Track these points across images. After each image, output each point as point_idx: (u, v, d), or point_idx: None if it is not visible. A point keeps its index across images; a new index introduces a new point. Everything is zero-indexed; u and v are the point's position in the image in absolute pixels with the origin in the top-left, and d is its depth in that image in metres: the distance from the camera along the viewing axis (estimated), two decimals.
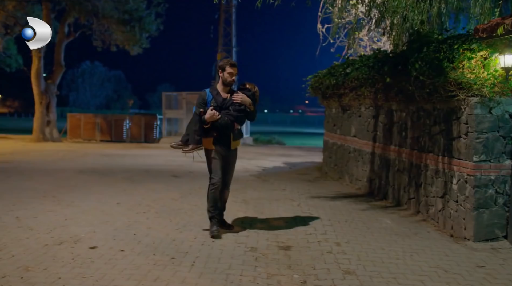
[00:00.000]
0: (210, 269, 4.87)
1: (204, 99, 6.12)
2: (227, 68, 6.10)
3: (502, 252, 5.78)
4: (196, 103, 6.15)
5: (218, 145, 6.13)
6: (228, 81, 6.10)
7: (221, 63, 6.22)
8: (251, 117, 6.35)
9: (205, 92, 6.18)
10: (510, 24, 5.30)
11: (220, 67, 6.20)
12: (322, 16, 14.44)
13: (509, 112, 6.08)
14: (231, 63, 6.19)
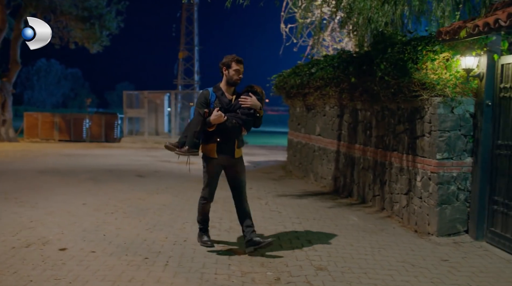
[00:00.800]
0: (184, 268, 4.89)
1: (207, 99, 5.40)
2: (233, 65, 5.35)
3: (464, 246, 6.01)
4: (197, 103, 5.46)
5: (220, 153, 5.43)
6: (234, 80, 5.38)
7: (225, 59, 5.41)
8: (258, 123, 5.60)
9: (208, 92, 5.47)
10: (471, 28, 5.53)
11: (224, 64, 5.41)
12: (285, 16, 14.60)
13: (469, 111, 6.32)
14: (237, 60, 5.39)
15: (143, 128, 23.75)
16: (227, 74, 5.39)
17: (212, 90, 5.47)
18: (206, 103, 5.39)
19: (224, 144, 5.39)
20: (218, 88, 5.47)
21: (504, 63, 5.89)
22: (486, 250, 5.85)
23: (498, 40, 6.00)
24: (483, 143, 6.16)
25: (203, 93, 5.53)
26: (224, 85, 5.46)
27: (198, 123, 5.32)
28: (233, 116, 5.36)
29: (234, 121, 5.34)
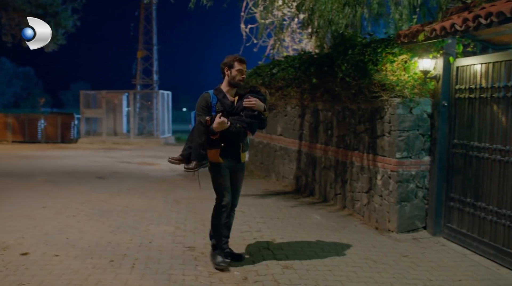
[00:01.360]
0: (151, 270, 4.88)
1: (208, 102, 4.99)
2: (236, 65, 5.00)
3: (422, 241, 6.23)
4: (197, 107, 5.04)
5: (225, 158, 5.05)
6: (236, 80, 5.02)
7: (227, 59, 5.07)
8: (263, 124, 5.25)
9: (208, 94, 5.05)
10: (429, 31, 5.74)
11: (226, 64, 5.05)
12: (245, 16, 14.64)
13: (427, 112, 6.55)
14: (239, 59, 5.05)
15: (101, 129, 23.35)
16: (230, 74, 5.01)
17: (213, 92, 5.06)
18: (207, 107, 4.98)
19: (229, 148, 5.02)
20: (219, 91, 5.07)
21: (459, 65, 6.13)
22: (444, 245, 6.08)
23: (453, 44, 6.25)
24: (439, 142, 6.39)
25: (203, 96, 5.07)
26: (226, 87, 5.08)
27: (201, 134, 4.85)
28: (236, 120, 4.97)
29: (239, 125, 4.96)
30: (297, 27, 12.85)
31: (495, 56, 5.66)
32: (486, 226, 5.63)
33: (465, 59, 6.13)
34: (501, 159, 5.42)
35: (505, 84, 5.35)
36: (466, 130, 6.02)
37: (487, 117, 5.66)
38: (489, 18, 4.89)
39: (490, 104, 5.61)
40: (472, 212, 5.88)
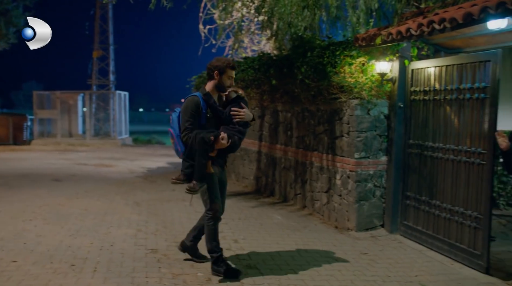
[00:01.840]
0: (114, 273, 4.83)
1: (199, 108, 4.68)
2: (228, 71, 4.78)
3: (380, 239, 6.41)
4: (187, 112, 4.66)
5: (214, 165, 4.85)
6: (225, 87, 4.82)
7: (218, 63, 4.78)
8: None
9: (198, 99, 4.72)
10: (386, 35, 5.92)
11: (216, 68, 4.77)
12: (204, 17, 14.61)
13: (384, 113, 6.74)
14: (232, 66, 4.82)
15: (55, 130, 22.76)
16: (219, 79, 4.77)
17: (202, 97, 4.75)
18: (198, 113, 4.69)
19: (217, 157, 4.86)
20: (209, 96, 4.78)
21: (414, 68, 6.34)
22: (400, 242, 6.28)
23: (408, 47, 6.46)
24: (396, 143, 6.59)
25: (193, 101, 4.72)
26: (213, 91, 4.84)
27: (205, 154, 4.62)
28: (232, 132, 4.76)
29: (236, 138, 4.78)
30: (256, 29, 12.93)
31: (447, 59, 5.89)
32: (440, 223, 5.85)
33: (419, 62, 6.35)
34: (454, 158, 5.64)
35: (457, 87, 5.58)
36: (421, 131, 6.23)
37: (441, 119, 5.88)
38: (442, 24, 5.09)
39: (443, 106, 5.84)
40: (427, 210, 6.09)
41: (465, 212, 5.45)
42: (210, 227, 4.85)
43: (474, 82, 5.32)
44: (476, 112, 5.30)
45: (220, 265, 4.85)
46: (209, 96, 4.78)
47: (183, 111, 4.72)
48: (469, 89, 5.39)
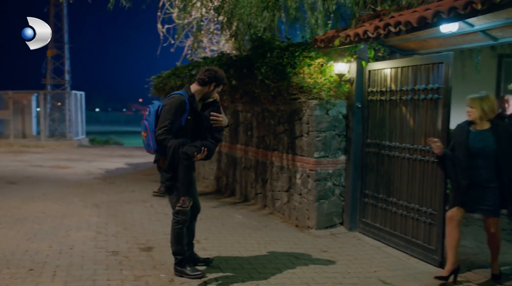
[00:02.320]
0: (75, 277, 4.76)
1: (184, 108, 4.61)
2: (221, 86, 4.92)
3: (340, 236, 6.55)
4: (169, 110, 4.56)
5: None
6: (211, 97, 4.86)
7: (219, 74, 4.81)
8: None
9: (184, 99, 4.64)
10: (344, 37, 6.05)
11: (216, 80, 4.77)
12: (162, 16, 14.50)
13: (342, 113, 6.88)
14: (225, 82, 5.06)
15: (8, 131, 22.08)
16: (210, 89, 4.77)
17: (188, 99, 4.67)
18: (181, 114, 4.61)
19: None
20: (193, 98, 4.72)
21: (371, 69, 6.51)
22: (359, 239, 6.44)
23: (365, 49, 6.62)
24: (354, 142, 6.75)
25: (180, 99, 4.64)
26: (198, 96, 4.78)
27: (190, 170, 4.67)
28: (211, 144, 4.79)
29: (213, 146, 4.86)
30: (215, 29, 12.93)
31: (403, 61, 6.07)
32: (397, 220, 6.04)
33: (376, 63, 6.52)
34: (409, 157, 5.83)
35: (412, 88, 5.76)
36: (378, 131, 6.40)
37: (397, 118, 6.06)
38: (398, 27, 5.25)
39: (399, 106, 6.02)
40: (384, 207, 6.27)
41: (421, 208, 5.64)
42: (176, 230, 4.82)
43: (428, 83, 5.51)
44: (430, 112, 5.49)
45: (183, 266, 4.85)
46: (193, 98, 4.71)
47: (166, 108, 4.60)
48: (424, 90, 5.58)
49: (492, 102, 4.74)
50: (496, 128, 4.73)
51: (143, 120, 4.74)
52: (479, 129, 4.77)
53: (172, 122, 4.58)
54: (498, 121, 4.86)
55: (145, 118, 4.74)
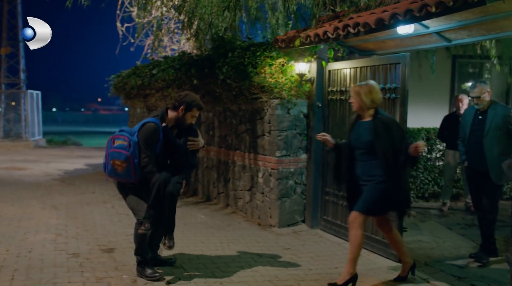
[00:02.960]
0: (34, 280, 4.66)
1: (158, 137, 4.65)
2: (194, 110, 4.77)
3: (302, 234, 6.64)
4: (146, 141, 4.58)
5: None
6: (185, 123, 4.80)
7: (188, 99, 4.73)
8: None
9: (157, 127, 4.65)
10: (304, 38, 6.14)
11: (184, 103, 4.71)
12: (121, 14, 14.31)
13: (303, 112, 6.98)
14: (199, 106, 4.81)
15: None
16: (182, 114, 4.72)
17: (161, 127, 4.69)
18: (156, 142, 4.65)
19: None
20: (167, 128, 4.74)
21: (331, 69, 6.62)
22: (321, 236, 6.55)
23: (325, 49, 6.74)
24: (315, 141, 6.84)
25: (155, 129, 4.64)
26: (171, 121, 4.77)
27: (175, 204, 4.81)
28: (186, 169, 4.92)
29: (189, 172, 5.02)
30: (176, 28, 12.85)
31: (362, 61, 6.21)
32: None
33: (335, 63, 6.64)
34: None
35: None
36: (338, 129, 6.52)
37: None
38: (356, 28, 5.36)
39: None
40: (345, 205, 6.36)
41: None
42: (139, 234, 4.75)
43: (386, 83, 5.66)
44: (388, 111, 5.62)
45: (144, 268, 4.82)
46: (168, 128, 4.73)
47: (142, 139, 4.61)
48: (382, 89, 5.70)
49: (371, 92, 4.60)
50: (375, 120, 4.56)
51: (121, 150, 4.61)
52: (362, 121, 4.69)
53: (150, 153, 4.62)
54: (381, 113, 4.65)
55: (127, 149, 4.61)
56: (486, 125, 5.47)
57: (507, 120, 5.36)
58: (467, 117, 5.81)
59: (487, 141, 5.44)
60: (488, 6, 4.19)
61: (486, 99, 5.52)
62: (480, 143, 5.49)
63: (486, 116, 5.51)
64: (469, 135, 5.70)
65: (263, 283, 4.79)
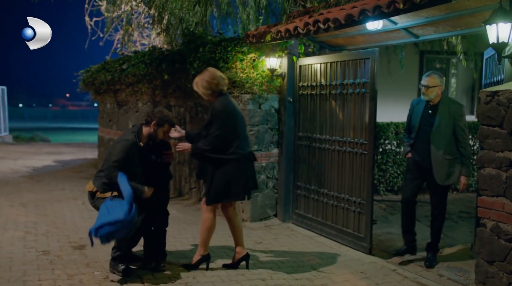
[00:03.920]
0: (3, 278, 4.58)
1: (134, 154, 4.74)
2: (166, 127, 4.87)
3: (274, 228, 6.70)
4: (122, 156, 4.64)
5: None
6: (157, 139, 4.90)
7: (160, 115, 4.84)
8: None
9: (135, 142, 4.75)
10: (275, 33, 6.18)
11: (155, 118, 4.82)
12: (90, 8, 14.09)
13: (274, 107, 7.03)
14: (171, 123, 4.93)
15: None
16: (154, 129, 4.83)
17: (138, 143, 4.78)
18: (129, 157, 4.70)
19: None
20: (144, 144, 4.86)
21: (302, 64, 6.68)
22: (293, 230, 6.62)
23: (296, 44, 6.79)
24: (286, 135, 6.91)
25: (134, 144, 4.73)
26: (145, 137, 4.87)
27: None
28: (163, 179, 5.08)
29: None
30: (146, 22, 12.74)
31: (332, 57, 6.29)
32: (328, 210, 6.26)
33: (306, 59, 6.70)
34: (339, 149, 6.06)
35: (341, 82, 5.99)
36: (309, 124, 6.59)
37: (327, 112, 6.27)
38: (326, 24, 5.43)
39: (329, 100, 6.23)
40: (316, 198, 6.48)
41: (350, 198, 5.88)
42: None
43: (356, 78, 5.75)
44: (358, 106, 5.74)
45: (117, 263, 4.78)
46: (144, 145, 4.83)
47: (117, 151, 4.69)
48: (352, 84, 5.81)
49: (205, 78, 4.91)
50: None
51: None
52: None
53: (120, 165, 4.64)
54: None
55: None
56: (435, 121, 5.18)
57: (457, 118, 5.12)
58: (417, 109, 5.42)
59: (434, 138, 5.17)
60: (454, 3, 4.31)
61: (435, 93, 5.17)
62: (427, 139, 5.22)
63: (436, 111, 5.20)
64: (418, 128, 5.34)
65: (236, 276, 4.83)
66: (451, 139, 5.15)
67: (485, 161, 3.98)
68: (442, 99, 5.24)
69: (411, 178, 5.48)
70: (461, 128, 5.15)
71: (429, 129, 5.21)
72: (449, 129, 5.13)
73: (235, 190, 4.86)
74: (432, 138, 5.18)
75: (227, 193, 4.86)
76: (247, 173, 4.97)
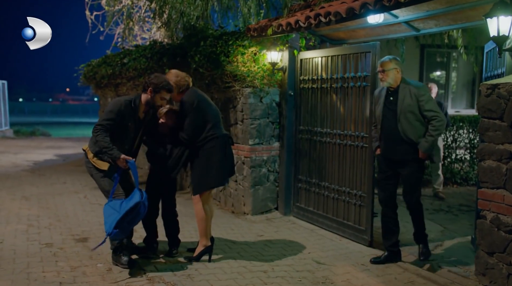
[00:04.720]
0: (7, 271, 4.62)
1: (124, 113, 4.69)
2: (163, 93, 4.72)
3: (275, 221, 6.74)
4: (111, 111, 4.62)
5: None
6: (155, 105, 4.85)
7: (156, 80, 4.72)
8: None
9: (127, 103, 4.71)
10: (276, 27, 6.19)
11: (152, 85, 4.70)
12: (90, 2, 14.07)
13: (275, 101, 7.05)
14: (168, 89, 4.75)
15: None
16: (151, 96, 4.72)
17: (132, 104, 4.73)
18: (121, 117, 4.65)
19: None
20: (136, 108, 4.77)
21: (303, 58, 6.70)
22: (294, 223, 6.66)
23: (297, 38, 6.81)
24: (287, 129, 6.94)
25: (124, 103, 4.70)
26: (143, 103, 4.80)
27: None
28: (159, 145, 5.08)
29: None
30: (146, 16, 12.72)
31: (333, 50, 6.30)
32: (329, 203, 6.29)
33: (307, 52, 6.72)
34: (340, 142, 6.08)
35: (342, 76, 6.00)
36: (310, 117, 6.62)
37: (328, 105, 6.29)
38: (328, 17, 5.44)
39: (330, 94, 6.25)
40: (317, 191, 6.51)
41: (351, 191, 5.91)
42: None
43: (356, 72, 5.77)
44: (359, 99, 5.76)
45: (119, 255, 4.81)
46: (136, 108, 4.76)
47: (107, 110, 4.68)
48: (352, 78, 5.83)
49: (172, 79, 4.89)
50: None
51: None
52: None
53: (110, 124, 4.62)
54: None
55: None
56: (397, 108, 4.79)
57: (419, 99, 4.72)
58: (379, 98, 5.05)
59: (401, 127, 4.78)
60: None
61: (392, 76, 4.79)
62: (394, 129, 4.83)
63: (397, 97, 4.81)
64: (382, 120, 4.96)
65: (237, 268, 4.87)
66: (420, 125, 4.78)
67: (485, 154, 4.00)
68: (401, 84, 4.83)
69: (385, 178, 5.13)
70: (427, 109, 4.71)
71: (394, 118, 4.82)
72: (413, 114, 4.74)
73: (216, 174, 5.01)
74: (399, 127, 4.79)
75: (210, 179, 5.06)
76: (227, 153, 5.10)
